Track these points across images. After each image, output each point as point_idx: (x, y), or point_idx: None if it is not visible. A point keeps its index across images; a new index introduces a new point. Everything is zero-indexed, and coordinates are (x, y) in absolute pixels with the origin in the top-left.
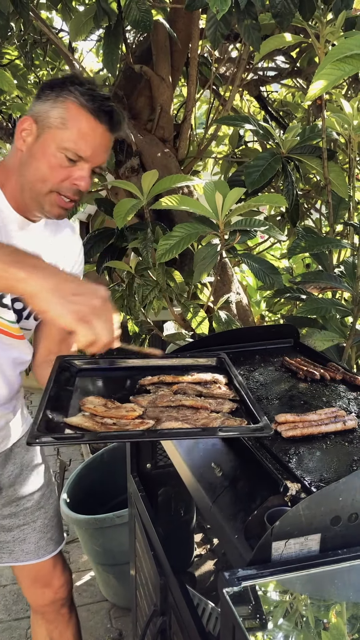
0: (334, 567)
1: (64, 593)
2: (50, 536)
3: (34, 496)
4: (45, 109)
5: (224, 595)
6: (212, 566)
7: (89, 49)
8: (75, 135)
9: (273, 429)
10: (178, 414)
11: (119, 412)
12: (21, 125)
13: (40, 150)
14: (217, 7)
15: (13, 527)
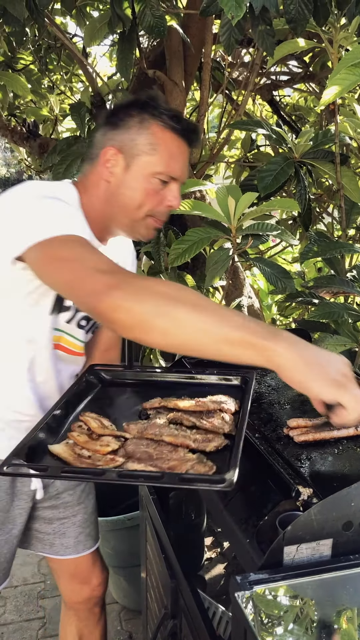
0: (346, 572)
1: (100, 592)
2: (88, 532)
3: (76, 491)
4: (130, 137)
5: (235, 599)
6: (222, 570)
7: (103, 53)
8: (167, 158)
9: (232, 485)
10: (154, 450)
11: (94, 445)
12: (105, 156)
13: (134, 179)
14: (232, 13)
15: (53, 519)
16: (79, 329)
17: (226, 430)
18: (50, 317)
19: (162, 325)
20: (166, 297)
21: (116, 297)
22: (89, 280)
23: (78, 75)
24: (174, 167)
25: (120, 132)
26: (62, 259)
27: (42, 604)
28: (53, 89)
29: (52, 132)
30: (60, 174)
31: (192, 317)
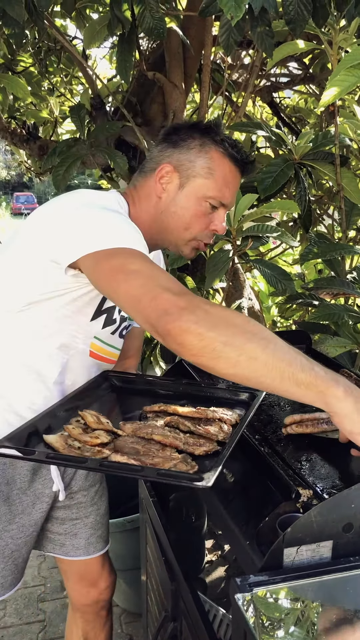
0: (346, 574)
1: (107, 595)
2: (100, 534)
3: (90, 492)
4: (189, 158)
5: (235, 601)
6: (223, 572)
7: (102, 55)
8: (221, 184)
9: (210, 484)
10: (143, 447)
11: (84, 437)
12: (160, 172)
13: (186, 199)
14: (231, 13)
15: (66, 519)
16: (120, 338)
17: (220, 438)
18: (91, 324)
19: (232, 356)
20: (239, 328)
21: (188, 320)
22: (160, 298)
23: (78, 77)
24: (226, 194)
25: (179, 151)
26: (131, 272)
27: (42, 607)
28: (53, 92)
29: (52, 134)
30: (60, 175)
31: (264, 353)
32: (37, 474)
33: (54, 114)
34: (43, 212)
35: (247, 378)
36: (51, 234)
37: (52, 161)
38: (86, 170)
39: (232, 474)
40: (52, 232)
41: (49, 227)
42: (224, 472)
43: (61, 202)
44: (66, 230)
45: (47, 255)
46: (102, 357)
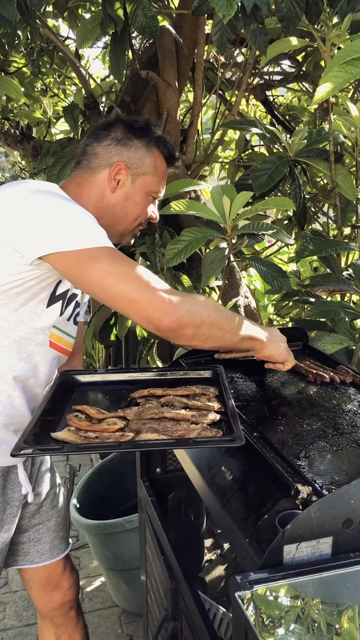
0: (347, 570)
1: (72, 595)
2: (62, 535)
3: (49, 494)
4: (138, 157)
5: (235, 599)
6: (222, 571)
7: (96, 56)
8: (160, 179)
9: (243, 441)
10: (159, 425)
11: (101, 426)
12: (115, 169)
13: (137, 194)
14: (223, 12)
15: (29, 527)
16: (75, 325)
17: (216, 408)
18: (47, 312)
19: (215, 335)
20: (214, 311)
21: (184, 315)
22: (156, 299)
23: (71, 77)
24: (162, 188)
25: (128, 150)
26: (119, 275)
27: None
28: (46, 92)
29: (45, 135)
30: (55, 175)
31: (232, 326)
32: (7, 480)
33: (47, 114)
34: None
35: (222, 346)
36: (10, 223)
37: (46, 161)
38: None
39: (230, 472)
40: (10, 221)
41: (5, 217)
42: (223, 469)
43: (10, 190)
44: (30, 220)
45: (7, 244)
46: (61, 347)
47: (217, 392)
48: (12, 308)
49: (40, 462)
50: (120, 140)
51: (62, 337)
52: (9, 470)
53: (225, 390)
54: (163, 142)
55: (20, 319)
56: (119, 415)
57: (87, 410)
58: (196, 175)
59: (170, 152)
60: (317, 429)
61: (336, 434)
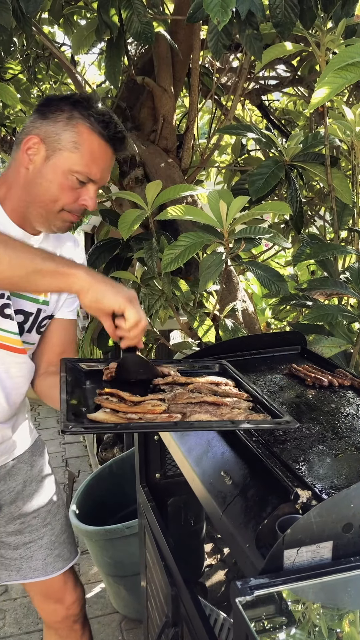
0: (347, 574)
1: (76, 609)
2: (58, 553)
3: (40, 512)
4: (55, 131)
5: (236, 604)
6: (223, 576)
7: (91, 62)
8: (87, 159)
9: (296, 422)
10: (201, 409)
11: (144, 408)
12: (27, 143)
13: (51, 171)
14: (218, 19)
15: (19, 544)
16: (5, 318)
17: (244, 397)
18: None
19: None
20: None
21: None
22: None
23: (67, 83)
24: (94, 170)
25: (47, 123)
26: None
27: None
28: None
29: None
30: None
31: (5, 254)
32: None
33: None
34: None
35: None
36: None
37: None
38: None
39: (229, 477)
40: None
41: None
42: (223, 474)
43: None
44: None
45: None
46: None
47: (234, 384)
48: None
49: (24, 481)
50: (44, 114)
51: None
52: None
53: (242, 379)
54: (96, 118)
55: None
56: (159, 397)
57: (120, 393)
58: (193, 180)
59: (106, 130)
60: (316, 432)
61: (335, 437)
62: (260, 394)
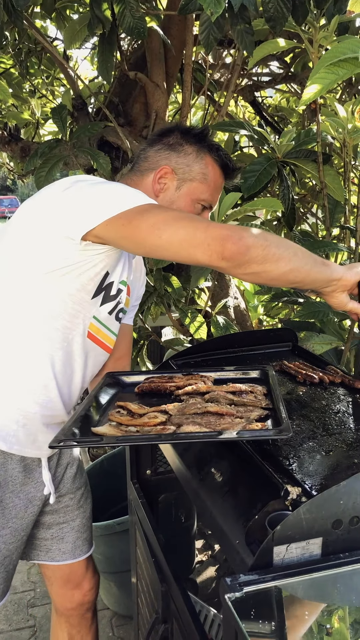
0: (336, 571)
1: (92, 596)
2: (86, 536)
3: (76, 495)
4: (186, 163)
5: (225, 601)
6: (213, 572)
7: (84, 56)
8: (212, 188)
9: (291, 433)
10: (202, 420)
11: (141, 420)
12: (160, 172)
13: (182, 199)
14: (211, 9)
15: (53, 524)
16: (117, 321)
17: (263, 404)
18: (91, 302)
19: (286, 254)
20: (276, 236)
21: (248, 237)
22: (213, 230)
23: (59, 78)
24: (215, 198)
25: (177, 155)
26: (172, 218)
27: (32, 612)
28: (34, 93)
29: (34, 136)
30: (43, 177)
31: (298, 247)
32: (29, 477)
33: (35, 115)
34: (42, 195)
35: (297, 269)
36: (58, 211)
37: (34, 163)
38: (69, 171)
39: (220, 474)
40: (59, 209)
41: (53, 205)
42: (213, 471)
43: (55, 184)
44: (76, 204)
45: (58, 233)
46: (99, 340)
47: (265, 391)
48: (59, 296)
49: (67, 464)
50: (172, 145)
51: (101, 330)
52: (32, 468)
53: (274, 387)
54: (216, 150)
55: (65, 307)
56: (161, 409)
57: (129, 405)
58: None
59: (224, 161)
60: (306, 429)
61: (325, 434)
62: (278, 402)
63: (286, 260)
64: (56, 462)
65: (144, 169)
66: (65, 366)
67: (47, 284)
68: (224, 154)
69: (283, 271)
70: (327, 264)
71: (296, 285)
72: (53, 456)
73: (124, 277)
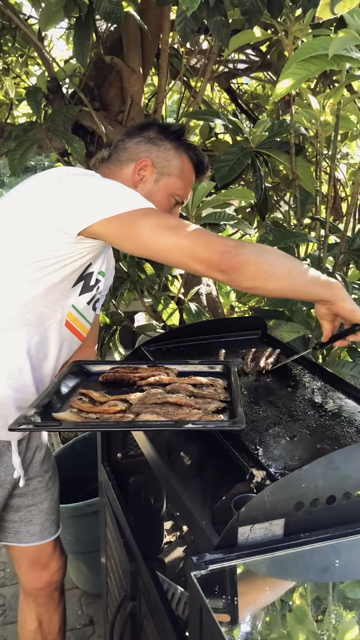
0: (297, 549)
1: (59, 576)
2: (54, 518)
3: (45, 477)
4: (166, 157)
5: (191, 578)
6: (181, 552)
7: (59, 35)
8: (187, 184)
9: (244, 425)
10: (160, 409)
11: (101, 408)
12: (140, 164)
13: (159, 192)
14: (187, 5)
15: (21, 507)
16: (93, 311)
17: (222, 397)
18: (71, 291)
19: (279, 272)
20: (277, 253)
21: (246, 254)
22: (212, 242)
23: (34, 57)
24: (187, 194)
25: (157, 149)
26: (173, 227)
27: (2, 591)
28: (8, 72)
29: (7, 117)
30: (17, 160)
31: (296, 266)
32: (0, 461)
33: (9, 95)
34: (30, 187)
35: (289, 287)
36: (52, 203)
37: (7, 145)
38: (43, 153)
39: (189, 457)
40: (52, 201)
41: (45, 196)
42: (182, 454)
43: (47, 175)
44: (73, 197)
45: (49, 225)
46: (75, 329)
47: (226, 385)
48: (42, 285)
49: (35, 448)
50: (152, 139)
51: (78, 319)
52: (2, 452)
53: (235, 382)
54: (193, 149)
55: (47, 295)
56: (122, 398)
57: (90, 393)
58: None
59: (199, 160)
60: (272, 415)
61: (290, 420)
62: (235, 396)
63: (277, 279)
64: (25, 446)
65: (123, 159)
66: (39, 352)
67: (30, 272)
68: (200, 153)
69: (273, 288)
70: (330, 285)
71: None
72: (22, 440)
73: (102, 267)
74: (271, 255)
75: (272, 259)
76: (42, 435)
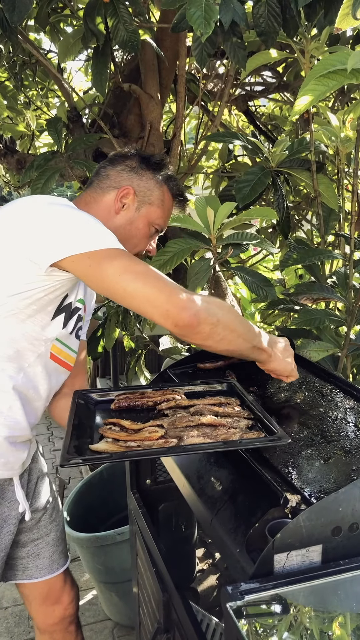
0: (337, 577)
1: (73, 609)
2: (61, 549)
3: (47, 509)
4: (148, 187)
5: (227, 609)
6: (214, 581)
7: (78, 68)
8: (166, 214)
9: (289, 439)
10: (198, 431)
11: (142, 435)
12: (122, 192)
13: (140, 220)
14: (201, 30)
15: (27, 542)
16: (77, 339)
17: (245, 415)
18: (51, 324)
19: (229, 337)
20: (229, 314)
21: (204, 314)
22: (175, 296)
23: (54, 90)
24: (166, 224)
25: (139, 178)
26: (139, 273)
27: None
28: (29, 105)
29: (29, 148)
30: (39, 189)
31: (245, 331)
32: (2, 497)
33: (30, 127)
34: (6, 215)
35: (233, 350)
36: (26, 233)
37: (30, 175)
38: (65, 182)
39: (219, 482)
40: (27, 231)
41: (21, 226)
42: (213, 479)
43: (23, 204)
44: (46, 230)
45: (22, 255)
46: (62, 360)
47: (239, 402)
48: (19, 319)
49: (37, 478)
50: (134, 169)
51: (63, 350)
52: (5, 488)
53: (246, 397)
54: (174, 181)
55: (25, 330)
56: (157, 423)
57: (121, 422)
58: None
59: (179, 191)
60: (304, 437)
61: (324, 441)
62: (260, 411)
63: (226, 342)
64: (27, 479)
65: (105, 186)
66: (28, 387)
67: (8, 306)
68: (180, 185)
69: (220, 349)
70: (264, 350)
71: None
72: (24, 473)
73: (80, 295)
74: (225, 317)
75: (225, 322)
76: (42, 466)
